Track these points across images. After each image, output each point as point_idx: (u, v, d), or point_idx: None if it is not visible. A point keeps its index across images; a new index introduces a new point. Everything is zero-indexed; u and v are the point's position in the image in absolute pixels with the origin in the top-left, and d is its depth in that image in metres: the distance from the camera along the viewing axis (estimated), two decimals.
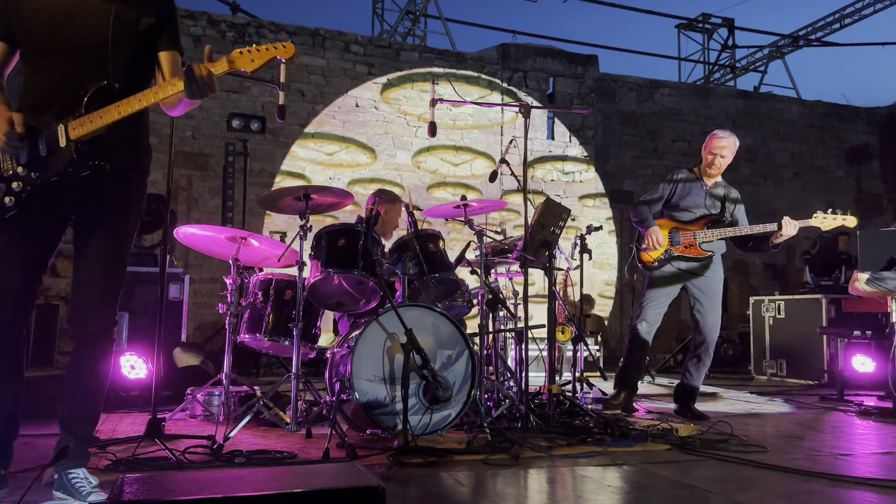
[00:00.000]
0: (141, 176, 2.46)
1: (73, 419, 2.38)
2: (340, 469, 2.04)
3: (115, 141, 2.30)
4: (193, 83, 2.19)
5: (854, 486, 2.70)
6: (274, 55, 2.26)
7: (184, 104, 2.39)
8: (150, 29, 2.39)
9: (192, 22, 8.63)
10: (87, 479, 2.33)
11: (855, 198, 11.84)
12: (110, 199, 2.35)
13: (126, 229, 2.39)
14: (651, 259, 4.61)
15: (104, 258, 2.33)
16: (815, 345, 6.89)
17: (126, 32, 2.33)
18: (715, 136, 4.70)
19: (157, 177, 8.12)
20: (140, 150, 2.45)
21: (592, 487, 2.69)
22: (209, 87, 2.22)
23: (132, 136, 2.41)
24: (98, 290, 2.32)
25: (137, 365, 4.91)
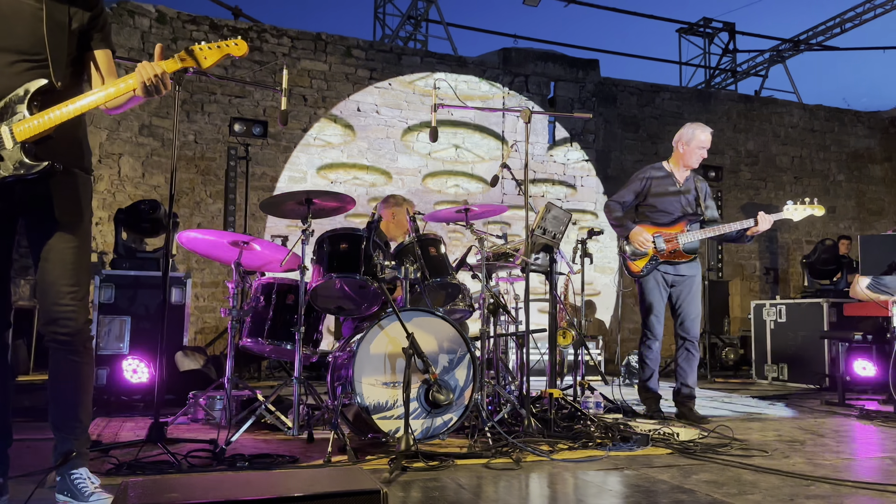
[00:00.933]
0: (88, 175, 2.44)
1: (64, 422, 2.37)
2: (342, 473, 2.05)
3: (61, 141, 2.29)
4: (147, 81, 2.21)
5: (855, 491, 2.70)
6: (226, 52, 2.29)
7: (130, 101, 2.39)
8: (83, 28, 2.38)
9: (195, 27, 8.65)
10: (90, 478, 2.33)
11: (856, 202, 11.85)
12: (63, 199, 2.32)
13: (83, 225, 2.37)
14: (639, 268, 4.60)
15: (68, 257, 2.31)
16: (817, 349, 6.89)
17: (60, 30, 2.31)
18: (704, 130, 4.64)
19: (160, 181, 8.21)
20: (82, 150, 2.43)
21: (594, 492, 2.70)
22: (163, 85, 2.25)
23: (75, 137, 2.39)
24: (68, 290, 2.29)
25: (139, 369, 4.93)
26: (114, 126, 8.09)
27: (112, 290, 5.23)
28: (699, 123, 4.71)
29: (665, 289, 4.65)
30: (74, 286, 2.31)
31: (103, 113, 2.48)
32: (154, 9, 8.51)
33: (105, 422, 4.24)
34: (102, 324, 5.18)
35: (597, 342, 7.91)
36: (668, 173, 4.71)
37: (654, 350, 4.63)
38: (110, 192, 8.09)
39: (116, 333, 5.20)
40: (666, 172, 4.71)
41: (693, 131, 4.64)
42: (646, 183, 4.68)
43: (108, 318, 5.20)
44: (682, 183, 4.70)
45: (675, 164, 4.73)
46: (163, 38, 8.28)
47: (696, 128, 4.66)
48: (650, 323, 4.63)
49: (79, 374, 2.37)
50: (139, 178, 8.15)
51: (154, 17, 8.48)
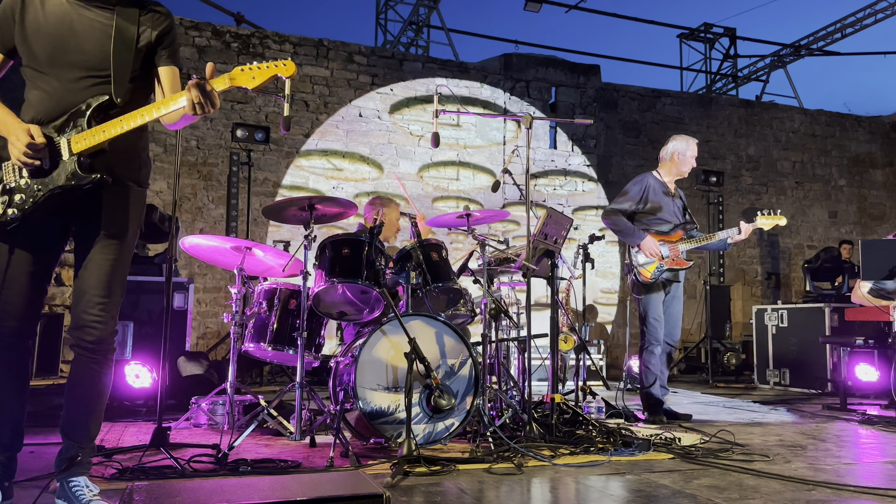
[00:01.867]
0: (141, 188, 2.49)
1: (74, 428, 2.40)
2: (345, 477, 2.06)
3: (116, 154, 2.34)
4: (196, 100, 2.23)
5: (857, 496, 2.70)
6: (275, 73, 2.30)
7: (184, 119, 2.42)
8: (150, 45, 2.42)
9: (197, 33, 8.69)
10: (88, 486, 2.35)
11: (857, 207, 11.85)
12: (111, 211, 2.38)
13: (126, 240, 2.42)
14: (648, 275, 4.69)
15: (105, 268, 2.36)
16: (818, 354, 6.88)
17: (127, 48, 2.36)
18: (695, 143, 4.91)
19: (162, 186, 8.24)
20: (140, 163, 2.48)
21: (595, 497, 2.71)
22: (211, 104, 2.26)
23: (133, 150, 2.45)
24: (99, 300, 2.34)
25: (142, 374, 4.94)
26: None
27: None
28: (688, 136, 4.97)
29: (664, 294, 4.77)
30: (106, 298, 2.35)
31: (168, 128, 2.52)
32: None
33: (108, 426, 4.25)
34: None
35: (598, 347, 7.91)
36: (662, 182, 4.88)
37: (657, 355, 4.70)
38: None
39: (119, 338, 5.20)
40: (660, 181, 4.88)
41: (686, 144, 4.89)
42: (645, 191, 4.79)
43: None
44: (672, 192, 4.89)
45: (666, 175, 4.91)
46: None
47: (688, 140, 4.91)
48: (654, 329, 4.70)
49: (96, 382, 2.40)
50: None
51: None
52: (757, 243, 11.08)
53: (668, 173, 4.90)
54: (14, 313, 2.31)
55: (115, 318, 2.41)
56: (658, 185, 4.83)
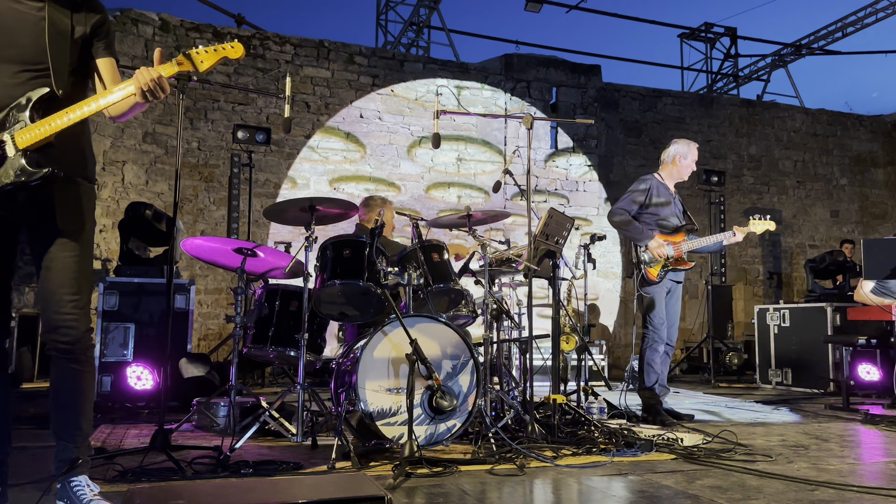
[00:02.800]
0: (90, 184, 2.44)
1: (65, 429, 2.37)
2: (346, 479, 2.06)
3: (62, 149, 2.30)
4: (146, 86, 2.22)
5: (860, 496, 2.70)
6: (223, 55, 2.30)
7: (132, 109, 2.40)
8: (86, 36, 2.38)
9: (198, 35, 8.70)
10: (89, 485, 2.34)
11: (859, 206, 11.84)
12: (65, 208, 2.33)
13: (84, 235, 2.37)
14: (654, 275, 4.73)
15: (70, 265, 2.31)
16: (821, 353, 6.87)
17: (63, 39, 2.32)
18: (696, 147, 4.98)
19: (164, 188, 8.24)
20: (86, 158, 2.43)
21: (598, 497, 2.70)
22: (161, 89, 2.25)
23: (79, 144, 2.40)
24: (70, 298, 2.30)
25: (143, 376, 4.94)
26: (117, 133, 8.12)
27: (116, 298, 5.24)
28: (690, 140, 5.03)
29: (666, 294, 4.81)
30: (76, 294, 2.31)
31: (108, 121, 2.50)
32: (157, 17, 8.56)
33: (109, 429, 4.25)
34: (107, 331, 5.19)
35: (600, 347, 7.90)
36: (664, 184, 4.93)
37: (660, 353, 4.75)
38: (114, 199, 8.12)
39: (120, 341, 5.21)
40: (662, 183, 4.93)
41: (687, 148, 4.95)
42: (649, 191, 4.84)
43: (113, 326, 5.21)
44: (673, 193, 4.96)
45: (667, 177, 4.96)
46: (166, 46, 8.32)
47: (689, 144, 4.98)
48: (658, 327, 4.74)
49: (80, 383, 2.37)
50: (143, 185, 8.18)
51: (157, 26, 8.52)
52: (758, 243, 11.06)
53: (669, 176, 4.95)
54: None
55: (89, 314, 2.37)
56: (661, 186, 4.88)
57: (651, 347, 4.71)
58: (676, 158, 4.91)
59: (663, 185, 4.89)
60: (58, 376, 2.37)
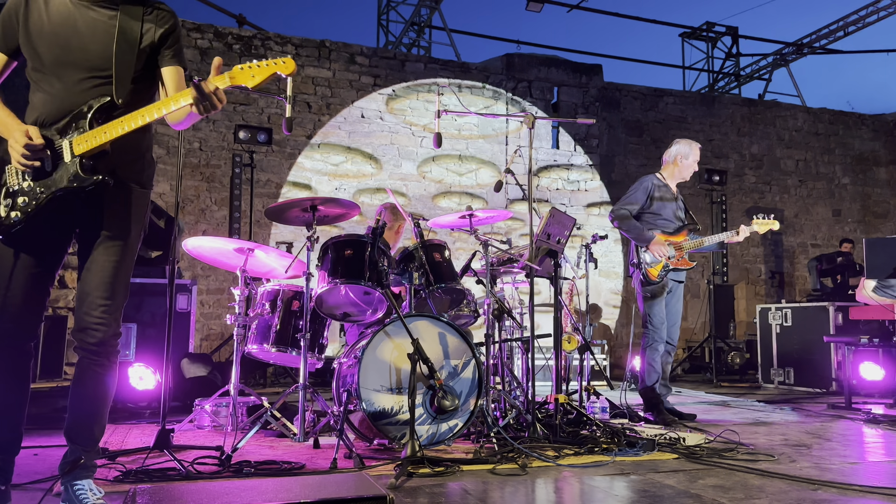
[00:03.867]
0: (144, 189, 2.48)
1: (78, 430, 2.39)
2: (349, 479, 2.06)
3: (118, 155, 2.33)
4: (202, 99, 2.22)
5: (863, 495, 2.69)
6: (274, 70, 2.29)
7: (189, 118, 2.41)
8: (154, 44, 2.41)
9: (199, 35, 8.70)
10: (92, 490, 2.34)
11: (861, 205, 11.82)
12: (114, 213, 2.37)
13: (129, 242, 2.41)
14: (655, 275, 4.74)
15: (108, 270, 2.35)
16: (823, 352, 6.86)
17: (130, 48, 2.35)
18: (696, 147, 4.97)
19: (165, 188, 8.25)
20: (143, 164, 2.47)
21: (600, 497, 2.70)
22: (217, 101, 2.25)
23: (136, 151, 2.43)
24: (102, 302, 2.33)
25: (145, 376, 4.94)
26: None
27: None
28: (692, 140, 5.03)
29: (666, 293, 4.82)
30: (108, 300, 2.34)
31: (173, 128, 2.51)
32: None
33: (112, 428, 4.25)
34: None
35: (602, 347, 7.90)
36: (665, 184, 4.95)
37: (661, 353, 4.76)
38: None
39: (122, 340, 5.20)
40: (664, 183, 4.95)
41: (689, 148, 4.96)
42: (651, 191, 4.87)
43: None
44: (675, 194, 4.98)
45: (668, 177, 4.98)
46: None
47: (691, 145, 4.98)
48: (658, 327, 4.76)
49: (100, 385, 2.40)
50: None
51: None
52: (760, 242, 11.05)
53: (671, 176, 4.96)
54: (16, 315, 2.30)
55: (119, 320, 2.41)
56: (661, 186, 4.89)
57: (651, 347, 4.72)
58: (678, 158, 4.92)
59: (665, 185, 4.91)
60: (80, 377, 2.39)
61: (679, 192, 5.03)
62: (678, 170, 4.93)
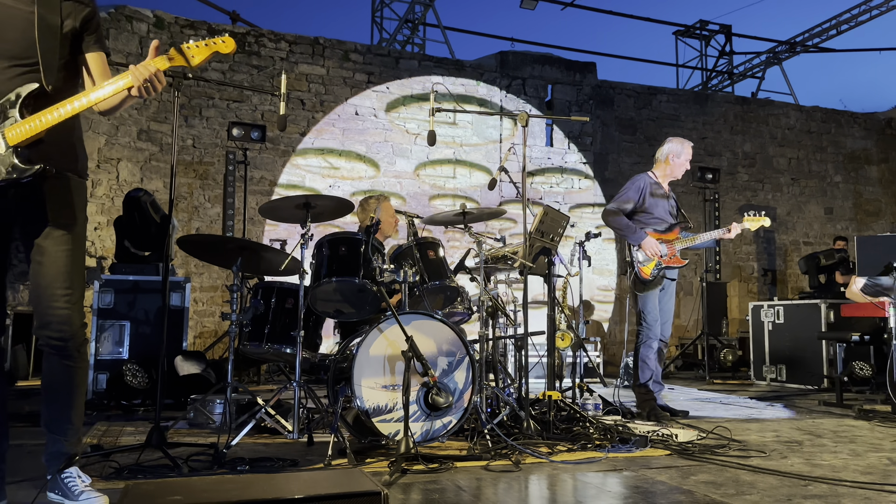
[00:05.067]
0: (81, 179, 2.44)
1: (57, 424, 2.37)
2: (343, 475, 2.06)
3: (53, 145, 2.29)
4: (140, 82, 2.23)
5: (853, 491, 2.72)
6: (214, 49, 2.31)
7: (121, 103, 2.39)
8: (76, 31, 2.38)
9: (193, 32, 8.67)
10: (80, 477, 2.34)
11: (853, 203, 11.88)
12: (56, 202, 2.32)
13: (76, 230, 2.37)
14: (648, 273, 4.77)
15: (62, 259, 2.30)
16: (815, 350, 6.91)
17: (52, 34, 2.31)
18: (689, 146, 4.98)
19: (159, 185, 8.22)
20: (76, 154, 2.43)
21: (593, 493, 2.71)
22: (158, 83, 2.27)
23: (68, 141, 2.39)
24: (63, 292, 2.29)
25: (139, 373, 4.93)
26: (112, 131, 8.10)
27: (111, 295, 5.23)
28: (684, 139, 5.03)
29: (659, 291, 4.85)
30: (68, 289, 2.30)
31: (102, 118, 2.49)
32: (152, 14, 8.53)
33: (105, 426, 4.24)
34: (102, 329, 5.18)
35: (595, 344, 7.93)
36: (657, 182, 4.97)
37: (654, 350, 4.78)
38: (109, 196, 8.10)
39: (116, 338, 5.21)
40: (656, 181, 4.97)
41: (681, 147, 4.97)
42: (644, 190, 4.88)
43: (108, 323, 5.21)
44: (667, 192, 4.99)
45: (661, 175, 4.99)
46: (161, 43, 8.29)
47: (683, 143, 4.98)
48: (652, 324, 4.79)
49: (72, 378, 2.37)
50: (138, 182, 8.16)
51: (152, 23, 8.50)
52: (753, 240, 11.10)
53: (663, 174, 4.99)
54: None
55: (82, 309, 2.36)
56: (654, 185, 4.92)
57: (645, 344, 4.76)
58: (670, 157, 4.94)
59: (657, 184, 4.93)
60: (50, 372, 2.36)
61: (671, 190, 5.05)
62: (670, 168, 4.95)
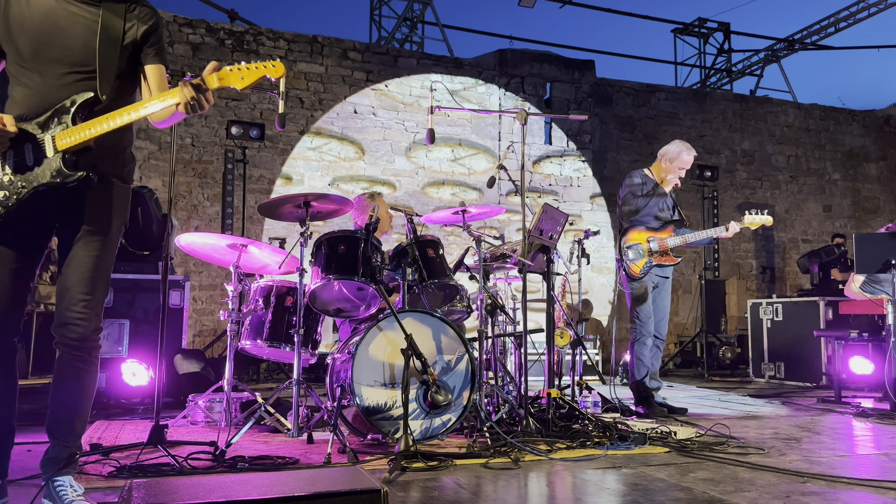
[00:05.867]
0: (125, 184, 2.47)
1: (60, 426, 2.38)
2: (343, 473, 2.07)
3: (100, 151, 2.32)
4: (189, 99, 2.23)
5: (851, 487, 2.73)
6: (264, 73, 2.31)
7: (173, 117, 2.41)
8: (136, 42, 2.40)
9: (191, 30, 8.67)
10: (72, 486, 2.35)
11: (851, 200, 11.89)
12: (94, 208, 2.35)
13: (110, 237, 2.39)
14: (637, 270, 4.80)
15: (88, 265, 2.33)
16: (813, 347, 6.92)
17: (112, 44, 2.34)
18: (689, 154, 4.91)
19: (158, 184, 8.22)
20: (124, 160, 2.46)
21: (592, 490, 2.72)
22: (207, 102, 2.27)
23: (118, 147, 2.42)
24: (82, 297, 2.32)
25: (139, 372, 4.94)
26: None
27: (111, 294, 5.24)
28: (688, 145, 4.96)
29: (652, 289, 4.87)
30: (89, 295, 2.33)
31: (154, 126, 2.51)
32: None
33: (105, 425, 4.25)
34: None
35: (594, 342, 7.94)
36: (653, 180, 4.98)
37: (649, 347, 4.81)
38: None
39: (115, 337, 5.21)
40: (651, 179, 4.98)
41: (679, 151, 4.90)
42: (635, 189, 4.92)
43: (107, 322, 5.20)
44: (662, 190, 4.98)
45: (656, 174, 4.99)
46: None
47: (683, 148, 4.91)
48: (645, 321, 4.82)
49: (81, 381, 2.39)
50: (136, 181, 8.14)
51: None
52: (751, 238, 11.11)
53: (658, 173, 4.98)
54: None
55: (100, 315, 2.39)
56: (647, 182, 4.94)
57: (639, 341, 4.78)
58: (664, 158, 4.95)
59: (651, 181, 4.94)
60: (60, 372, 2.38)
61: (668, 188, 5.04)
62: (663, 171, 4.95)
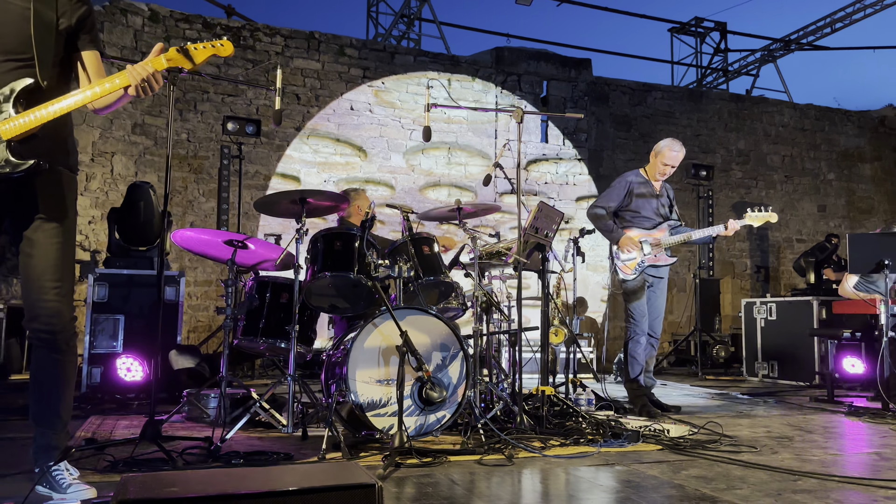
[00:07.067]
0: (73, 174, 2.46)
1: (45, 415, 2.38)
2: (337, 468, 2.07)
3: (46, 139, 2.31)
4: (139, 82, 2.26)
5: (842, 486, 2.75)
6: (212, 52, 2.34)
7: (117, 102, 2.41)
8: (71, 29, 2.40)
9: (188, 25, 8.65)
10: (68, 470, 2.35)
11: (846, 201, 11.93)
12: (48, 196, 2.34)
13: (67, 223, 2.38)
14: (630, 270, 4.83)
15: (53, 252, 2.32)
16: (806, 346, 6.95)
17: (48, 31, 2.33)
18: (672, 149, 4.87)
19: (153, 179, 8.21)
20: (68, 149, 2.44)
21: (585, 487, 2.74)
22: (155, 83, 2.30)
23: (60, 135, 2.41)
24: (53, 284, 2.30)
25: (133, 367, 4.94)
26: (107, 125, 8.08)
27: (105, 289, 5.23)
28: (677, 141, 4.94)
29: (646, 288, 4.88)
30: (58, 281, 2.31)
31: (94, 113, 2.50)
32: (147, 7, 8.50)
33: (100, 420, 4.25)
34: (96, 322, 5.18)
35: (588, 340, 7.96)
36: (645, 180, 4.97)
37: (643, 345, 4.81)
38: (103, 190, 8.09)
39: (110, 332, 5.21)
40: (644, 179, 4.97)
41: (664, 146, 4.89)
42: (628, 187, 4.91)
43: (102, 317, 5.20)
44: (658, 189, 4.97)
45: (650, 173, 4.99)
46: (155, 37, 8.27)
47: (668, 143, 4.89)
48: (639, 320, 4.82)
49: (61, 371, 2.38)
50: (132, 176, 8.14)
51: (147, 16, 8.47)
52: (746, 237, 11.14)
53: (652, 171, 4.97)
54: None
55: (72, 302, 2.38)
56: (641, 181, 4.93)
57: (633, 339, 4.79)
58: (652, 154, 4.96)
59: (645, 182, 4.93)
60: (39, 364, 2.37)
61: (666, 187, 5.04)
62: (653, 167, 4.94)
